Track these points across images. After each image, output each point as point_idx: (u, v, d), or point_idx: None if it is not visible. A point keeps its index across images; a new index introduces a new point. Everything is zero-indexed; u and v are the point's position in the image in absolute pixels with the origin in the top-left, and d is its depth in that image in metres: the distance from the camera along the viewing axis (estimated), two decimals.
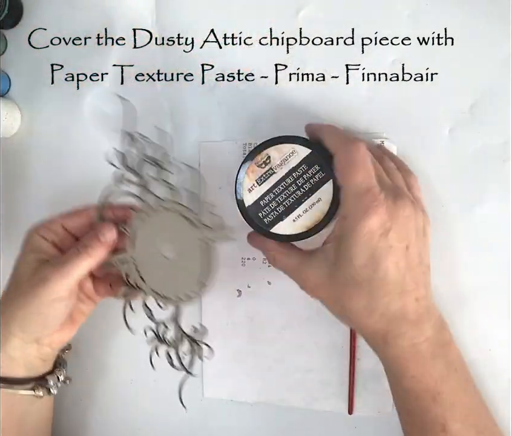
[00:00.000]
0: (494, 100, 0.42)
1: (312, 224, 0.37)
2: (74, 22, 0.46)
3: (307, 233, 0.37)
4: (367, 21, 0.43)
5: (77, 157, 0.47)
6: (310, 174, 0.37)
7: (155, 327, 0.40)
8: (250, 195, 0.38)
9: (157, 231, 0.39)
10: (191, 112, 0.45)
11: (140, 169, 0.40)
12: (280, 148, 0.37)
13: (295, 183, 0.37)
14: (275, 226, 0.37)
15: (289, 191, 0.37)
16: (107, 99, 0.46)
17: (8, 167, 0.48)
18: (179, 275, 0.39)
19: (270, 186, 0.37)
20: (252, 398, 0.46)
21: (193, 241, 0.39)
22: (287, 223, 0.37)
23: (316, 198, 0.37)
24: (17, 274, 0.39)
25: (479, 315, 0.43)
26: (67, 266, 0.37)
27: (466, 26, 0.42)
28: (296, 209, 0.37)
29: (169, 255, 0.39)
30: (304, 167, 0.37)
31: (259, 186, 0.37)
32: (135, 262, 0.40)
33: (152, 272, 0.40)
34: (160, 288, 0.40)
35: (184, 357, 0.40)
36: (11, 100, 0.47)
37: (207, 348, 0.41)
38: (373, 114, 0.43)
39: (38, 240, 0.40)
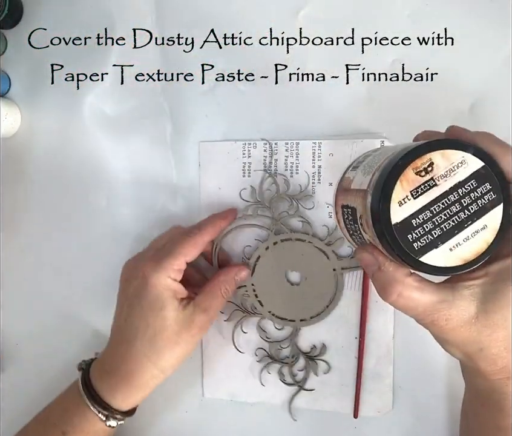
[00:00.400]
0: (494, 100, 0.42)
1: (472, 256, 0.28)
2: (74, 22, 0.46)
3: (462, 267, 0.29)
4: (367, 21, 0.43)
5: (77, 157, 0.47)
6: (479, 193, 0.29)
7: (269, 347, 0.45)
8: (401, 210, 0.28)
9: (282, 259, 0.44)
10: (191, 112, 0.45)
11: (274, 204, 0.44)
12: (447, 155, 0.28)
13: (460, 202, 0.29)
14: (425, 254, 0.28)
15: (451, 211, 0.29)
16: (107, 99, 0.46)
17: (8, 167, 0.48)
18: (303, 300, 0.44)
19: (428, 202, 0.28)
20: (251, 398, 0.46)
21: (323, 270, 0.43)
22: (442, 252, 0.28)
23: (482, 224, 0.29)
24: (163, 323, 0.39)
25: None
26: (213, 308, 0.41)
27: (466, 26, 0.42)
28: (455, 236, 0.29)
29: (295, 281, 0.44)
30: (473, 183, 0.29)
31: (413, 199, 0.28)
32: (254, 287, 0.44)
33: (272, 297, 0.44)
34: (279, 311, 0.44)
35: (297, 374, 0.45)
36: (11, 100, 0.47)
37: (324, 364, 0.45)
38: (373, 114, 0.43)
39: (171, 283, 0.39)
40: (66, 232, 0.47)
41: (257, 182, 0.44)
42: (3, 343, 0.49)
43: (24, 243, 0.48)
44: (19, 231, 0.48)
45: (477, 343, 0.30)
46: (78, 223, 0.47)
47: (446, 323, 0.30)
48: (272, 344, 0.45)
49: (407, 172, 0.28)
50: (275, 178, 0.44)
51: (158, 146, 0.46)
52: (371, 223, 0.28)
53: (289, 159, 0.44)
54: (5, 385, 0.48)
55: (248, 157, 0.45)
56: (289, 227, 0.44)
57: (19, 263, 0.48)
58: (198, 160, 0.45)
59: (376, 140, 0.43)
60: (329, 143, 0.43)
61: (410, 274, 0.30)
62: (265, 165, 0.44)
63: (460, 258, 0.28)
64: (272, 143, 0.44)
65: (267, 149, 0.44)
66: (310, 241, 0.43)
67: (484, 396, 0.34)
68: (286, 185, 0.44)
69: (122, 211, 0.46)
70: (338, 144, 0.43)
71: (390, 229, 0.28)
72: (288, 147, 0.44)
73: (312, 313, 0.44)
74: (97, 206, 0.47)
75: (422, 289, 0.30)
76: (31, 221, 0.48)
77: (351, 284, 0.44)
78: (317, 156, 0.44)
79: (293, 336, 0.45)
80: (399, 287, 0.29)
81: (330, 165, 0.44)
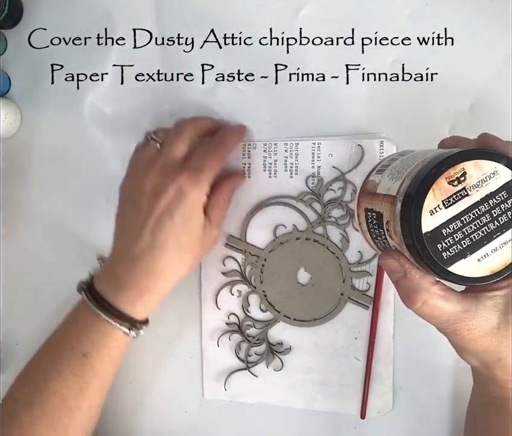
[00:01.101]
0: (494, 100, 0.42)
1: (499, 267, 0.29)
2: (74, 22, 0.46)
3: (489, 277, 0.29)
4: (367, 21, 0.43)
5: (77, 157, 0.47)
6: (510, 204, 0.29)
7: (241, 320, 0.45)
8: (432, 219, 0.28)
9: (303, 256, 0.44)
10: (191, 112, 0.45)
11: (329, 204, 0.44)
12: (480, 165, 0.28)
13: (490, 213, 0.29)
14: (454, 263, 0.28)
15: (481, 222, 0.29)
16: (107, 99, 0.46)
17: (8, 167, 0.48)
18: (298, 301, 0.45)
19: (459, 212, 0.28)
20: (252, 398, 0.46)
21: (332, 288, 0.44)
22: (470, 262, 0.28)
23: (510, 236, 0.29)
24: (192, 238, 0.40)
25: None
26: (222, 220, 0.43)
27: (466, 26, 0.42)
28: (484, 246, 0.29)
29: (302, 281, 0.45)
30: (504, 194, 0.29)
31: (445, 209, 0.28)
32: (264, 263, 0.45)
33: (274, 281, 0.45)
34: (272, 296, 0.45)
35: (252, 355, 0.46)
36: (11, 100, 0.47)
37: (279, 362, 0.45)
38: (373, 114, 0.43)
39: (205, 199, 0.40)
40: (66, 232, 0.47)
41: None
42: (3, 343, 0.49)
43: (24, 243, 0.48)
44: (18, 231, 0.48)
45: (496, 353, 0.30)
46: (78, 222, 0.47)
47: (469, 333, 0.30)
48: (246, 318, 0.45)
49: (440, 181, 0.28)
50: (346, 185, 0.44)
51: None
52: (399, 231, 0.29)
53: (288, 160, 0.44)
54: (5, 385, 0.48)
55: (248, 157, 0.45)
56: (328, 234, 0.44)
57: (19, 263, 0.48)
58: None
59: (376, 140, 0.43)
60: (329, 143, 0.43)
61: (435, 282, 0.30)
62: (264, 166, 0.44)
63: (487, 268, 0.29)
64: (271, 143, 0.44)
65: (267, 150, 0.44)
66: (338, 258, 0.44)
67: (497, 404, 0.34)
68: (352, 197, 0.44)
69: None
70: (337, 144, 0.43)
71: (421, 238, 0.28)
72: (288, 147, 0.44)
73: (299, 316, 0.45)
74: (97, 206, 0.47)
75: (447, 298, 0.30)
76: (31, 221, 0.48)
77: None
78: (316, 156, 0.44)
79: (269, 323, 0.45)
80: (425, 295, 0.29)
81: (328, 165, 0.44)
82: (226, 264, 0.45)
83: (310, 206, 0.44)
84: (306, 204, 0.44)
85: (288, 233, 0.44)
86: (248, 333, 0.45)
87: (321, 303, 0.44)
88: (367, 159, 0.43)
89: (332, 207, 0.44)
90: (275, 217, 0.45)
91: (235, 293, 0.45)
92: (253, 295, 0.45)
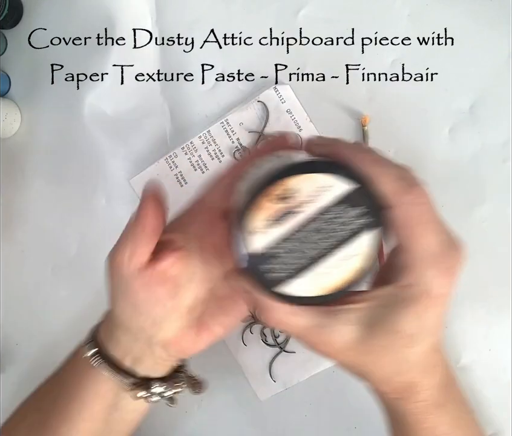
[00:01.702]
0: (494, 100, 0.42)
1: (343, 285, 0.27)
2: (74, 22, 0.46)
3: (333, 295, 0.27)
4: (367, 21, 0.43)
5: (77, 157, 0.47)
6: (350, 217, 0.26)
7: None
8: (257, 239, 0.26)
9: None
10: (191, 112, 0.45)
11: None
12: (314, 178, 0.26)
13: (327, 228, 0.26)
14: (288, 283, 0.26)
15: (316, 238, 0.26)
16: (107, 99, 0.46)
17: (8, 167, 0.48)
18: None
19: (288, 231, 0.26)
20: (303, 375, 0.45)
21: None
22: (308, 281, 0.27)
23: (354, 251, 0.26)
24: None
25: (479, 315, 0.43)
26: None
27: (466, 26, 0.42)
28: (319, 265, 0.26)
29: None
30: (342, 207, 0.26)
31: (273, 228, 0.26)
32: None
33: None
34: None
35: (279, 335, 0.44)
36: (11, 100, 0.47)
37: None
38: (373, 114, 0.43)
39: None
40: (66, 232, 0.47)
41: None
42: (3, 343, 0.49)
43: (24, 243, 0.48)
44: (18, 231, 0.48)
45: (364, 367, 0.29)
46: (78, 223, 0.47)
47: (326, 347, 0.29)
48: None
49: (265, 201, 0.26)
50: (267, 138, 0.44)
51: (158, 146, 0.46)
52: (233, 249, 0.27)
53: (210, 148, 0.45)
54: (5, 385, 0.48)
55: (176, 167, 0.45)
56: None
57: (19, 263, 0.48)
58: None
59: (269, 90, 0.44)
60: (234, 115, 0.44)
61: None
62: (193, 165, 0.45)
63: (329, 286, 0.27)
64: (188, 143, 0.45)
65: (187, 151, 0.45)
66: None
67: (389, 412, 0.34)
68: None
69: (122, 210, 0.46)
70: (241, 112, 0.44)
71: (245, 259, 0.26)
72: (203, 138, 0.45)
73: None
74: (96, 206, 0.47)
75: (295, 313, 0.28)
76: (31, 222, 0.47)
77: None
78: (230, 131, 0.45)
79: None
80: (272, 311, 0.28)
81: (245, 133, 0.44)
82: None
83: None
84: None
85: None
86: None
87: None
88: (272, 108, 0.44)
89: None
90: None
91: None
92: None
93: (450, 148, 0.42)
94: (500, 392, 0.42)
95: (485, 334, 0.42)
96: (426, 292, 0.27)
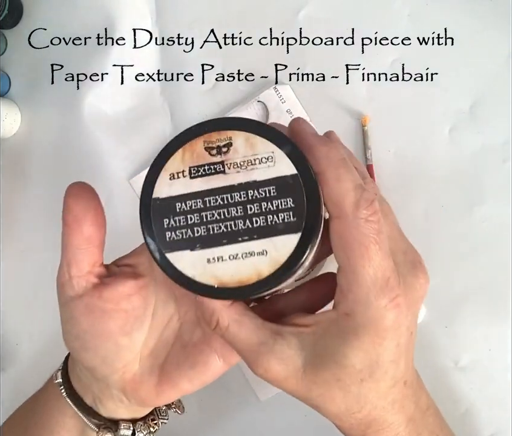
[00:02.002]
0: (494, 100, 0.42)
1: (231, 282, 0.22)
2: (74, 22, 0.46)
3: (217, 292, 0.22)
4: (367, 21, 0.43)
5: (77, 157, 0.47)
6: (275, 206, 0.22)
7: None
8: (170, 184, 0.22)
9: None
10: (191, 112, 0.45)
11: None
12: (254, 142, 0.22)
13: (244, 206, 0.22)
14: (175, 251, 0.22)
15: (228, 213, 0.22)
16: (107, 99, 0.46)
17: (8, 167, 0.48)
18: None
19: (205, 189, 0.22)
20: None
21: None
22: (197, 259, 0.22)
23: (261, 248, 0.22)
24: None
25: (479, 315, 0.43)
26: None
27: (466, 26, 0.42)
28: (220, 246, 0.22)
29: None
30: (272, 191, 0.22)
31: (190, 178, 0.22)
32: None
33: None
34: None
35: None
36: (11, 100, 0.47)
37: None
38: (373, 114, 0.43)
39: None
40: None
41: None
42: (3, 343, 0.49)
43: (24, 243, 0.48)
44: (19, 231, 0.48)
45: (310, 400, 0.26)
46: None
47: (266, 372, 0.25)
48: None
49: (196, 142, 0.22)
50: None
51: (158, 146, 0.46)
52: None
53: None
54: (5, 385, 0.48)
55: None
56: None
57: (19, 263, 0.48)
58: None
59: (270, 90, 0.43)
60: (234, 115, 0.44)
61: (230, 303, 0.25)
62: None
63: (216, 278, 0.22)
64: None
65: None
66: None
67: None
68: None
69: (122, 210, 0.46)
70: (242, 112, 0.44)
71: (147, 201, 0.22)
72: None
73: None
74: None
75: (240, 323, 0.25)
76: (31, 222, 0.47)
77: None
78: None
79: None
80: (216, 317, 0.25)
81: None
82: None
83: None
84: None
85: None
86: None
87: None
88: (272, 108, 0.44)
89: None
90: None
91: None
92: None
93: (450, 148, 0.42)
94: (500, 392, 0.42)
95: (485, 334, 0.42)
96: (374, 324, 0.23)
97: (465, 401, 0.42)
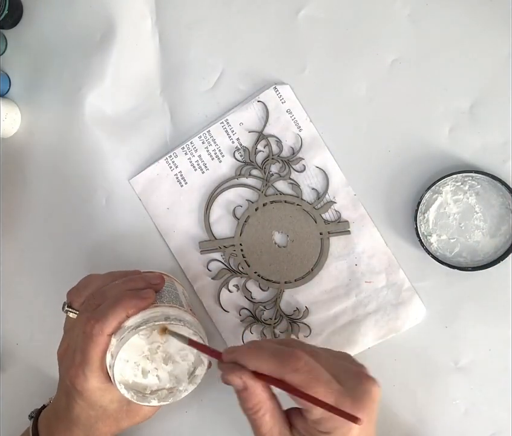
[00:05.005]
0: (494, 100, 0.42)
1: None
2: (74, 22, 0.46)
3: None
4: (366, 21, 0.43)
5: (77, 156, 0.47)
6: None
7: (253, 308, 0.45)
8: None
9: (270, 221, 0.44)
10: (191, 112, 0.45)
11: (265, 165, 0.44)
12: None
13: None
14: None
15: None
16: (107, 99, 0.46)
17: (8, 167, 0.48)
18: (289, 262, 0.44)
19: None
20: None
21: (310, 233, 0.44)
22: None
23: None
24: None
25: (479, 315, 0.43)
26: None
27: (466, 26, 0.42)
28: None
29: (282, 243, 0.45)
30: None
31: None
32: (242, 247, 0.44)
33: (259, 258, 0.45)
34: (265, 273, 0.45)
35: (279, 335, 0.45)
36: (11, 100, 0.47)
37: (305, 327, 0.45)
38: (373, 114, 0.43)
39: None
40: (66, 231, 0.47)
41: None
42: (3, 343, 0.49)
43: (24, 244, 0.48)
44: (18, 231, 0.48)
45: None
46: (78, 222, 0.47)
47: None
48: (255, 304, 0.45)
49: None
50: (268, 140, 0.44)
51: (158, 146, 0.46)
52: None
53: (210, 148, 0.45)
54: (5, 385, 0.48)
55: (176, 167, 0.45)
56: (279, 190, 0.44)
57: (19, 263, 0.48)
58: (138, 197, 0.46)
59: (269, 90, 0.44)
60: (234, 115, 0.44)
61: (272, 396, 0.33)
62: (193, 166, 0.45)
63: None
64: (188, 143, 0.45)
65: (187, 151, 0.45)
66: (298, 204, 0.44)
67: None
68: (279, 147, 0.44)
69: (122, 210, 0.46)
70: (241, 112, 0.44)
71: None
72: (203, 138, 0.45)
73: (297, 275, 0.44)
74: (96, 206, 0.47)
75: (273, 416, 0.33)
76: (31, 222, 0.48)
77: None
78: (230, 132, 0.45)
79: (277, 298, 0.45)
80: (261, 405, 0.33)
81: (244, 133, 0.44)
82: (211, 269, 0.45)
83: (250, 175, 0.45)
84: (246, 175, 0.45)
85: (246, 209, 0.45)
86: (264, 317, 0.45)
87: (308, 252, 0.44)
88: (272, 108, 0.44)
89: (269, 165, 0.44)
90: (227, 202, 0.45)
91: (233, 290, 0.45)
92: (249, 281, 0.45)
93: (450, 148, 0.42)
94: (500, 392, 0.42)
95: (485, 334, 0.42)
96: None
97: (465, 401, 0.42)
